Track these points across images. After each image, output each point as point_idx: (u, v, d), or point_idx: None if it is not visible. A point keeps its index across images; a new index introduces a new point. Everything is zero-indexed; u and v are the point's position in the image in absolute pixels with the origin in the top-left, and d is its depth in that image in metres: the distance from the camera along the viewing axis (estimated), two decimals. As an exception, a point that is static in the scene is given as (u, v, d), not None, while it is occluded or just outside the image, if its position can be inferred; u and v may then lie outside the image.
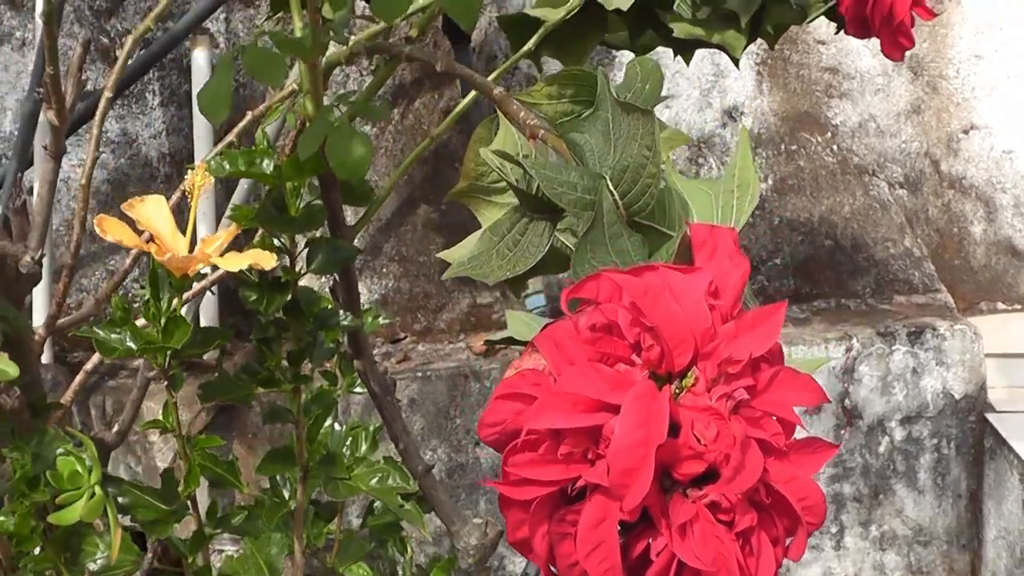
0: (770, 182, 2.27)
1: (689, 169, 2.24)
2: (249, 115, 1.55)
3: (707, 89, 2.28)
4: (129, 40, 1.54)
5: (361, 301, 2.15)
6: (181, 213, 1.15)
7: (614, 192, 0.61)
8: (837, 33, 1.55)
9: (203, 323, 2.03)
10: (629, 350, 0.50)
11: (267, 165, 0.99)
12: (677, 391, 0.50)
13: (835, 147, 2.33)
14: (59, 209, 2.19)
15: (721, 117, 2.29)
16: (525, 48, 1.19)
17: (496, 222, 0.71)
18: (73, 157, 2.17)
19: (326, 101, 0.92)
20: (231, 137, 1.53)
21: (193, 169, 0.92)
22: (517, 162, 0.65)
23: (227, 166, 0.99)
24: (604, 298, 0.52)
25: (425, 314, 2.12)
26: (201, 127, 2.17)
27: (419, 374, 1.95)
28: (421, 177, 2.17)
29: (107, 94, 1.46)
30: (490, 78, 1.17)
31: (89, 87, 2.16)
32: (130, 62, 1.87)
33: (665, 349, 0.49)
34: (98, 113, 1.44)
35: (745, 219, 0.61)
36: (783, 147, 2.30)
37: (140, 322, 1.07)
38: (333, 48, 0.97)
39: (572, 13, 1.50)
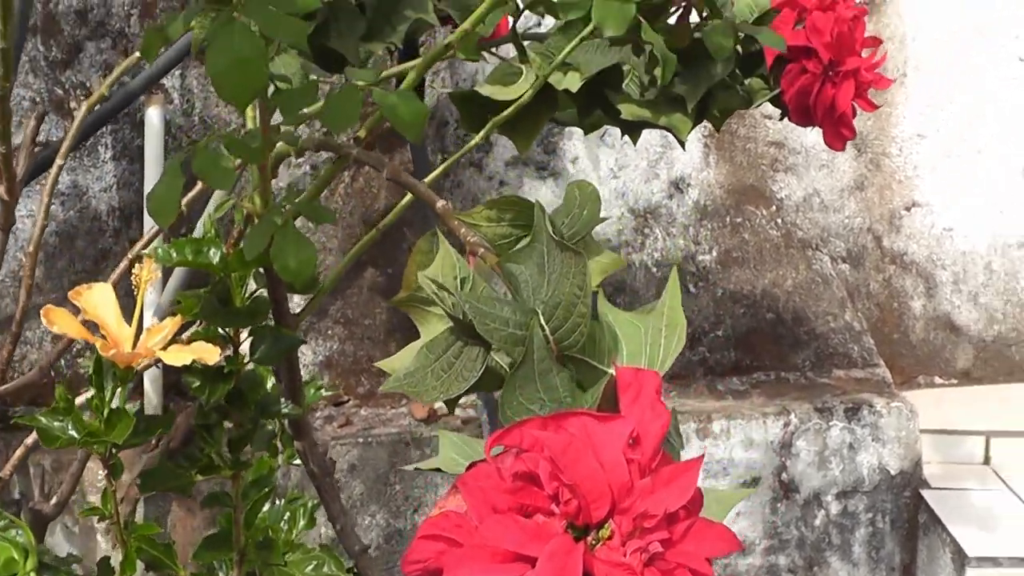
0: (714, 254, 2.30)
1: (635, 239, 2.27)
2: (199, 185, 1.57)
3: (655, 160, 2.31)
4: (83, 106, 1.56)
5: (306, 362, 2.16)
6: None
7: (545, 327, 0.63)
8: (781, 120, 1.58)
9: (146, 379, 2.03)
10: (549, 501, 0.52)
11: (214, 254, 1.01)
12: (594, 542, 0.52)
13: (779, 220, 2.37)
14: (6, 260, 2.19)
15: (668, 188, 2.32)
16: (474, 140, 1.21)
17: (433, 340, 0.73)
18: (21, 207, 2.17)
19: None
20: (180, 207, 1.54)
21: (142, 261, 0.94)
22: (451, 292, 0.67)
23: (174, 255, 1.00)
24: (527, 446, 0.54)
25: (368, 377, 2.14)
26: (152, 183, 2.18)
27: (360, 440, 1.97)
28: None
29: (59, 161, 1.48)
30: (435, 173, 1.19)
31: (41, 137, 2.17)
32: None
33: (583, 503, 0.52)
34: (49, 181, 1.45)
35: (671, 361, 0.63)
36: (728, 219, 2.34)
37: (82, 399, 1.08)
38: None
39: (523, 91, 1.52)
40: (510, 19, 1.73)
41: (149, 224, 2.21)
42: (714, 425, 2.05)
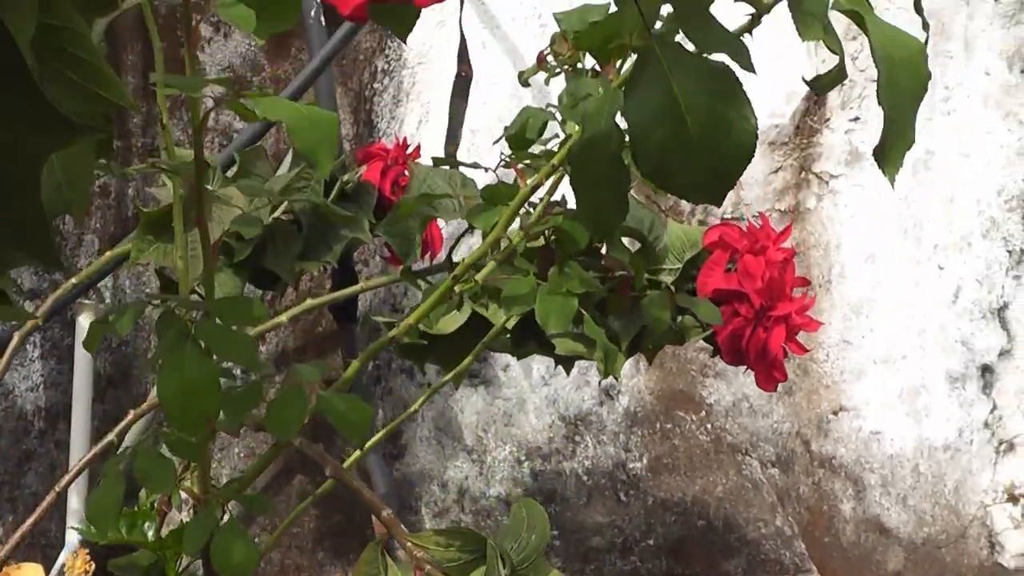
0: (645, 461, 2.31)
1: (566, 447, 2.27)
2: (131, 414, 1.55)
3: (585, 368, 2.32)
4: (16, 337, 1.54)
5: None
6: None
7: None
8: (713, 357, 1.60)
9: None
10: None
11: (148, 528, 1.00)
12: None
13: (709, 426, 2.38)
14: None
15: (598, 395, 2.33)
16: (419, 403, 1.21)
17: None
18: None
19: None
20: (111, 436, 1.52)
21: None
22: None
23: (109, 534, 0.99)
24: None
25: (297, 589, 2.11)
26: (80, 383, 2.16)
27: (288, 661, 1.93)
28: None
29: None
30: (378, 436, 1.19)
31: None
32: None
33: None
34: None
35: None
36: (658, 426, 2.35)
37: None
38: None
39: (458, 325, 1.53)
40: (444, 239, 1.75)
41: (76, 426, 2.18)
42: (647, 642, 2.03)
